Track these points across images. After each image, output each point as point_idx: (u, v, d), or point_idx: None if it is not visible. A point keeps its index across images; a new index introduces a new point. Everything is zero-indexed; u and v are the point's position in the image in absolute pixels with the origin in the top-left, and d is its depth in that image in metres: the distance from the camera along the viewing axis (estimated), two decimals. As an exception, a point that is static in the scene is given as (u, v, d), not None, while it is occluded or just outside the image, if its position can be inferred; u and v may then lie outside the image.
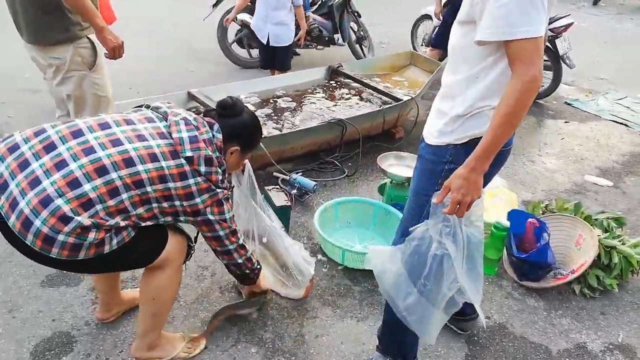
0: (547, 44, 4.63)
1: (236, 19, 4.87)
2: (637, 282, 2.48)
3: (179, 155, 1.48)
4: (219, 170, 1.56)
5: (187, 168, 1.48)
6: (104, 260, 1.49)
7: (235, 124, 1.68)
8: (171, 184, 1.47)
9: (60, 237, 1.34)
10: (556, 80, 4.78)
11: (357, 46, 5.58)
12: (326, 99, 3.87)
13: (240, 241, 1.75)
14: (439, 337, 2.04)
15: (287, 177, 3.03)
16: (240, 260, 1.78)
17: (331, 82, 4.19)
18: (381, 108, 3.60)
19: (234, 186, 1.96)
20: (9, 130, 3.63)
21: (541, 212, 2.75)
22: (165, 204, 1.50)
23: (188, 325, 2.04)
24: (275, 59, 4.31)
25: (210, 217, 1.58)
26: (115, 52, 2.39)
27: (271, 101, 3.73)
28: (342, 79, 4.21)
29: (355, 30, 5.54)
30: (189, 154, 1.48)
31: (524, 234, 2.40)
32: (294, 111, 3.60)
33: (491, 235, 2.41)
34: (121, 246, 1.47)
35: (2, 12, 2.40)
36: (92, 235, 1.38)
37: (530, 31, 1.24)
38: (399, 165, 2.80)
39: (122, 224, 1.44)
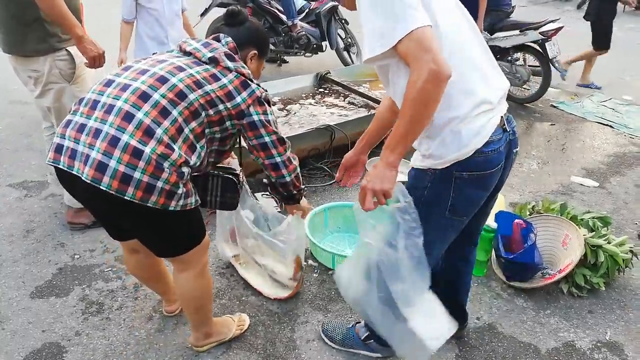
0: (537, 47, 4.70)
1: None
2: (623, 281, 2.52)
3: (201, 62, 1.54)
4: (245, 65, 1.60)
5: (214, 70, 1.52)
6: (161, 222, 1.52)
7: (246, 29, 1.71)
8: (208, 87, 1.49)
9: (137, 175, 1.38)
10: (545, 84, 4.85)
11: (345, 53, 5.63)
12: (315, 105, 3.89)
13: (288, 153, 1.72)
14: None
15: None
16: (288, 179, 1.75)
17: (320, 88, 4.22)
18: (369, 113, 3.63)
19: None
20: (0, 140, 3.62)
21: (528, 213, 2.78)
22: (211, 111, 1.50)
23: (179, 332, 2.04)
24: None
25: (255, 117, 1.58)
26: (96, 61, 2.36)
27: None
28: (331, 86, 4.25)
29: (343, 37, 5.60)
30: (208, 55, 1.53)
31: (511, 235, 2.43)
32: (284, 117, 3.62)
33: (480, 237, 2.43)
34: (182, 211, 1.49)
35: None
36: (164, 176, 1.41)
37: (390, 37, 1.21)
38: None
39: (184, 160, 1.44)
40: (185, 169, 1.46)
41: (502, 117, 1.46)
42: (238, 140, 1.78)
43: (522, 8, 10.52)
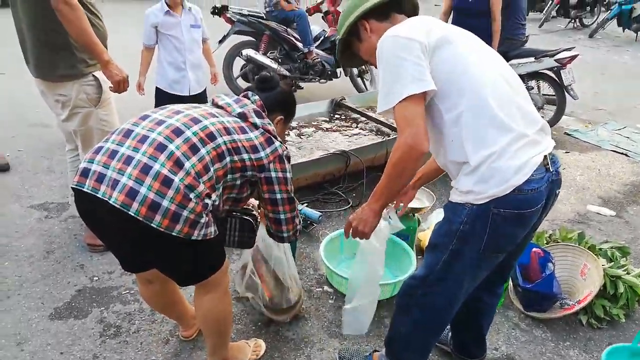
0: (552, 74, 4.73)
1: (241, 55, 5.01)
2: (644, 312, 2.48)
3: (232, 115, 1.64)
4: (271, 123, 1.70)
5: (243, 124, 1.62)
6: (185, 250, 1.54)
7: (276, 95, 1.82)
8: (236, 136, 1.57)
9: (165, 203, 1.41)
10: (560, 112, 4.86)
11: (359, 80, 5.71)
12: (330, 130, 3.94)
13: (294, 213, 1.78)
14: (446, 369, 2.05)
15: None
16: (285, 235, 1.81)
17: (335, 114, 4.28)
18: (384, 139, 3.67)
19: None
20: (21, 162, 3.71)
21: (545, 242, 2.77)
22: (235, 157, 1.57)
23: (195, 357, 2.04)
24: None
25: (273, 173, 1.66)
26: (120, 85, 2.44)
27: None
28: (345, 112, 4.30)
29: (357, 64, 5.68)
30: (238, 110, 1.65)
31: (529, 263, 2.42)
32: (299, 142, 3.67)
33: (496, 266, 2.42)
34: (203, 240, 1.52)
35: (18, 46, 2.48)
36: (191, 205, 1.44)
37: (387, 102, 1.40)
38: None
39: (207, 193, 1.50)
40: (209, 201, 1.51)
41: (545, 156, 1.44)
42: (256, 191, 1.83)
43: (535, 36, 10.62)
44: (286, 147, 1.71)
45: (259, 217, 1.89)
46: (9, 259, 2.60)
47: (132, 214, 1.40)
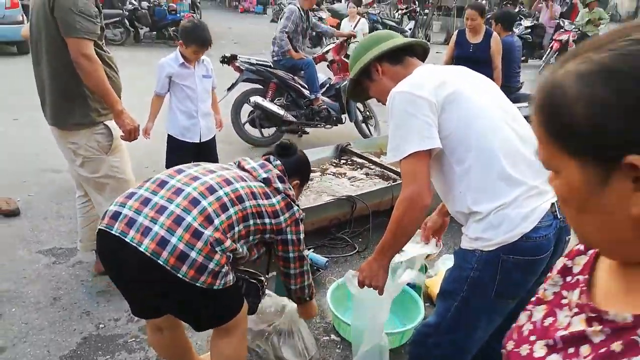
0: None
1: (249, 101, 5.14)
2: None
3: (257, 179, 1.75)
4: (291, 187, 1.83)
5: (267, 189, 1.74)
6: (207, 298, 1.57)
7: (295, 161, 1.96)
8: (260, 201, 1.68)
9: (193, 254, 1.46)
10: None
11: (364, 125, 5.82)
12: (336, 175, 3.99)
13: (304, 268, 1.90)
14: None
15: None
16: (293, 287, 1.93)
17: (340, 159, 4.34)
18: (389, 184, 3.71)
19: None
20: (31, 207, 3.75)
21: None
22: (258, 221, 1.68)
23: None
24: (211, 155, 3.64)
25: (289, 236, 1.78)
26: (131, 134, 2.54)
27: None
28: (350, 157, 4.37)
29: (362, 110, 5.81)
30: (264, 175, 1.76)
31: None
32: (306, 187, 3.71)
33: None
34: (223, 289, 1.56)
35: (30, 93, 2.58)
36: (217, 258, 1.50)
37: (393, 155, 1.47)
38: (410, 242, 2.84)
39: (233, 249, 1.58)
40: (231, 254, 1.57)
41: (553, 203, 1.46)
42: (267, 251, 1.92)
43: (534, 82, 10.85)
44: (302, 212, 1.83)
45: (265, 283, 1.96)
46: (17, 304, 2.60)
47: (161, 263, 1.45)
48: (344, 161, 4.32)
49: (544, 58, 11.76)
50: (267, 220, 1.69)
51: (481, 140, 1.45)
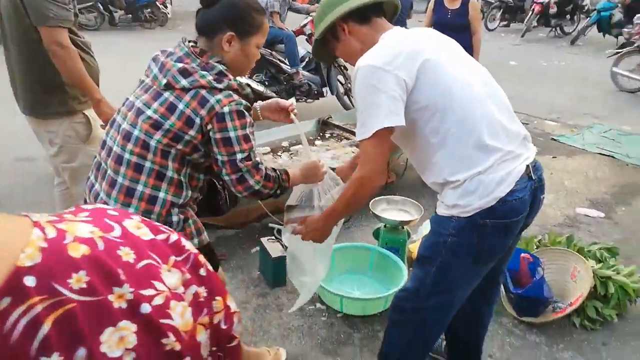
0: None
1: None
2: (635, 311, 2.48)
3: (160, 93, 1.46)
4: (206, 73, 1.44)
5: (171, 97, 1.44)
6: None
7: (218, 9, 1.50)
8: (167, 124, 1.43)
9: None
10: None
11: (345, 97, 5.78)
12: (318, 148, 3.97)
13: (237, 175, 1.50)
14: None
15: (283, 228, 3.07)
16: (234, 188, 1.54)
17: (322, 132, 4.32)
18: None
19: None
20: (7, 196, 3.71)
21: (535, 247, 2.78)
22: (179, 146, 1.46)
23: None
24: None
25: (212, 134, 1.44)
26: None
27: (279, 153, 3.84)
28: (332, 129, 4.34)
29: (343, 82, 5.77)
30: (163, 82, 1.45)
31: (519, 269, 2.43)
32: (288, 162, 3.70)
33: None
34: None
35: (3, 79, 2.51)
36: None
37: (362, 133, 1.43)
38: (392, 210, 2.86)
39: (170, 205, 1.48)
40: (175, 218, 1.50)
41: (528, 165, 1.46)
42: None
43: (517, 46, 10.82)
44: (234, 101, 1.45)
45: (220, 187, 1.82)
46: None
47: None
48: (326, 134, 4.30)
49: (525, 21, 11.70)
50: (187, 137, 1.44)
51: (458, 110, 1.42)
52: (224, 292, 0.63)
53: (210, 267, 0.64)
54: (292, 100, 1.88)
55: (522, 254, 2.42)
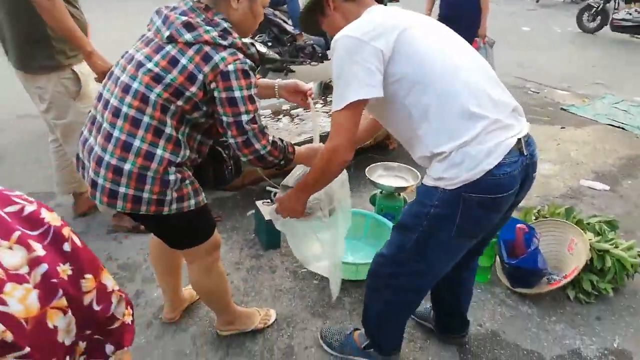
0: None
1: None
2: (632, 286, 2.45)
3: (162, 46, 1.42)
4: (211, 29, 1.40)
5: (173, 51, 1.39)
6: (161, 223, 1.59)
7: None
8: (168, 77, 1.39)
9: (122, 190, 1.43)
10: None
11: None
12: (320, 111, 3.89)
13: (243, 138, 1.47)
14: (429, 344, 2.04)
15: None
16: (232, 142, 1.49)
17: (325, 96, 4.22)
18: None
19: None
20: (8, 153, 3.70)
21: (534, 218, 2.74)
22: (179, 102, 1.41)
23: (178, 339, 2.05)
24: None
25: (216, 94, 1.41)
26: (105, 76, 2.40)
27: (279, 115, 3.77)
28: (336, 93, 4.25)
29: (349, 45, 5.61)
30: (166, 34, 1.40)
31: (514, 239, 2.39)
32: (291, 125, 3.63)
33: (482, 243, 2.40)
34: (179, 213, 1.52)
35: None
36: (147, 188, 1.43)
37: (336, 104, 1.38)
38: (388, 176, 2.81)
39: (168, 163, 1.44)
40: (172, 177, 1.46)
41: (520, 139, 1.39)
42: None
43: (532, 11, 10.46)
44: (239, 59, 1.41)
45: (226, 153, 1.82)
46: (-5, 248, 2.61)
47: (98, 203, 1.49)
48: (329, 98, 4.20)
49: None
50: (187, 94, 1.40)
51: (438, 79, 1.36)
52: (98, 269, 0.55)
53: (78, 242, 0.56)
54: (311, 84, 1.85)
55: (518, 225, 2.37)
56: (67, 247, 0.51)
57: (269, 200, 2.83)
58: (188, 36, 1.39)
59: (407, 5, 2.01)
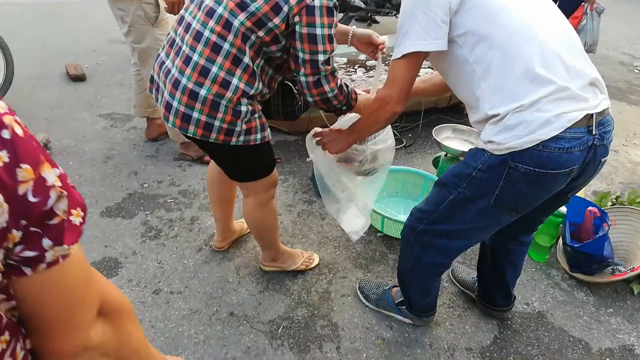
0: None
1: None
2: None
3: None
4: None
5: None
6: (225, 153, 1.62)
7: None
8: (253, 6, 1.37)
9: (195, 115, 1.45)
10: None
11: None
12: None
13: (313, 78, 1.48)
14: (469, 314, 1.99)
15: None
16: (309, 99, 1.55)
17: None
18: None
19: None
20: (97, 74, 3.95)
21: (610, 203, 2.52)
22: (260, 33, 1.40)
23: (223, 267, 2.14)
24: None
25: (297, 28, 1.39)
26: (174, 7, 2.43)
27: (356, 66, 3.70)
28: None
29: None
30: None
31: (582, 223, 2.22)
32: (363, 77, 3.54)
33: (546, 221, 2.24)
34: (244, 146, 1.55)
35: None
36: (220, 116, 1.45)
37: (395, 52, 1.32)
38: (455, 139, 2.68)
39: (242, 93, 1.45)
40: (244, 108, 1.48)
41: (593, 114, 1.24)
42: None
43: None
44: None
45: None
46: (74, 159, 2.83)
47: (171, 125, 1.52)
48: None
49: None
50: (270, 25, 1.38)
51: (505, 36, 1.23)
52: (38, 162, 0.53)
53: (20, 131, 0.54)
54: (386, 37, 1.80)
55: (590, 207, 2.19)
56: (5, 134, 0.52)
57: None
58: None
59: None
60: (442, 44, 1.28)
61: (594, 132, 1.25)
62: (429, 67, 3.47)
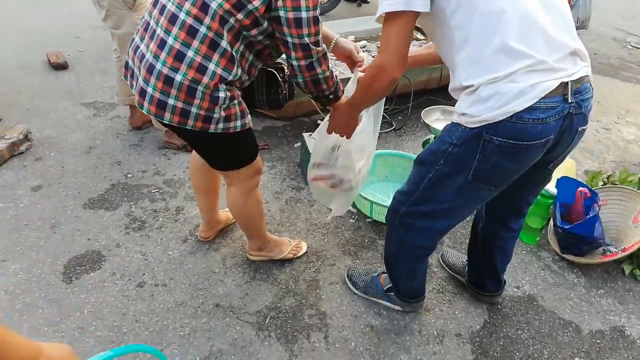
0: None
1: None
2: (702, 270, 2.20)
3: None
4: None
5: None
6: (205, 141, 1.58)
7: None
8: None
9: (170, 101, 1.40)
10: None
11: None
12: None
13: (306, 61, 1.44)
14: (458, 299, 1.97)
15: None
16: (299, 80, 1.50)
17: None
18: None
19: None
20: (79, 62, 3.85)
21: (601, 183, 2.49)
22: (239, 15, 1.34)
23: (209, 257, 2.10)
24: None
25: (282, 13, 1.34)
26: None
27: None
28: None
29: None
30: None
31: (573, 204, 2.19)
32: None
33: (536, 203, 2.22)
34: (224, 134, 1.50)
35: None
36: (196, 102, 1.40)
37: (390, 4, 1.20)
38: (445, 120, 2.63)
39: (219, 79, 1.40)
40: (222, 94, 1.42)
41: (568, 82, 1.21)
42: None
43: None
44: None
45: (287, 70, 1.72)
46: (56, 150, 2.76)
47: (146, 112, 1.46)
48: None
49: None
50: (250, 7, 1.32)
51: (484, 2, 1.18)
52: None
53: None
54: (365, 55, 1.76)
55: (580, 188, 2.16)
56: None
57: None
58: None
59: None
60: (421, 5, 1.21)
61: (569, 100, 1.22)
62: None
